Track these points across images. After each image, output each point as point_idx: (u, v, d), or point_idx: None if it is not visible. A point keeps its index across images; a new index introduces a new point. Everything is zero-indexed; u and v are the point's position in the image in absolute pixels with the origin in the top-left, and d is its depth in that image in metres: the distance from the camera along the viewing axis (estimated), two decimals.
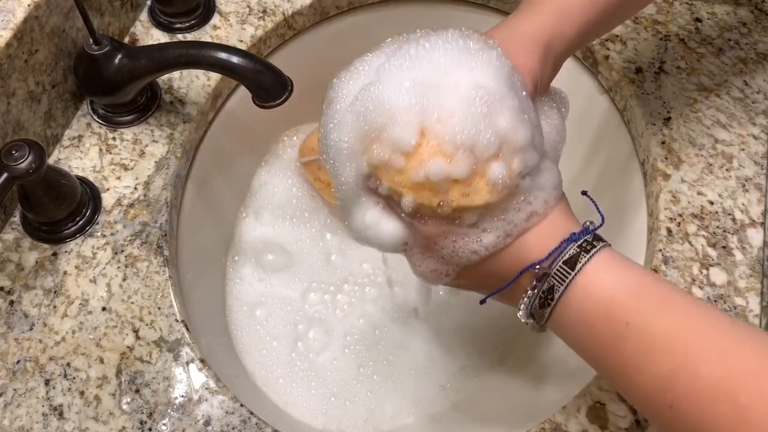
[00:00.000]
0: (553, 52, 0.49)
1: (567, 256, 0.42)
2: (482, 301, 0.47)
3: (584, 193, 0.51)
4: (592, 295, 0.41)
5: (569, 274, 0.41)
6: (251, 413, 0.51)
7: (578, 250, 0.41)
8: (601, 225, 0.44)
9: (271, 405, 0.65)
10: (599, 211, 0.47)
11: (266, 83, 0.56)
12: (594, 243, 0.42)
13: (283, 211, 0.76)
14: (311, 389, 0.66)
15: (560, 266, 0.41)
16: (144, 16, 0.70)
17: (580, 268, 0.41)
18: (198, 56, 0.57)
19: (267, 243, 0.74)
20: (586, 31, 0.51)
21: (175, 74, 0.66)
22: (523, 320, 0.44)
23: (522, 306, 0.43)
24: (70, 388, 0.51)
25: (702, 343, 0.38)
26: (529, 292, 0.43)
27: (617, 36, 0.70)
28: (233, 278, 0.72)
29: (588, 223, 0.44)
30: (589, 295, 0.41)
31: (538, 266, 0.42)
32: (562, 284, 0.41)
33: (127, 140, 0.62)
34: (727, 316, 0.40)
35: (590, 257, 0.41)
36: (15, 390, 0.51)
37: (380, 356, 0.68)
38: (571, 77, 0.73)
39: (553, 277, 0.42)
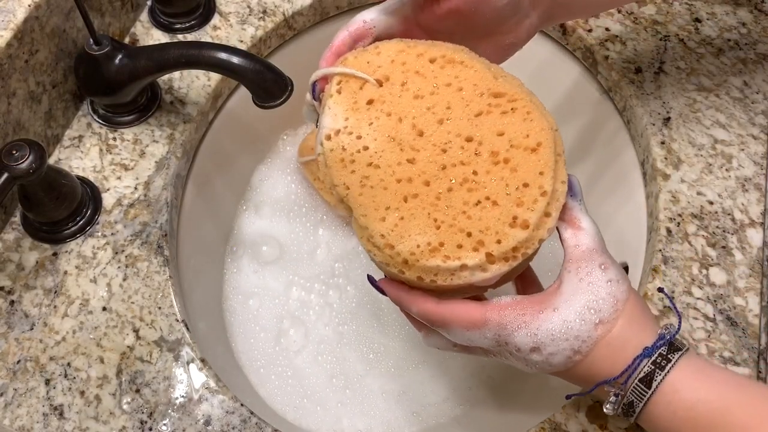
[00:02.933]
0: None
1: (642, 374, 0.41)
2: (568, 397, 0.48)
3: (660, 290, 0.52)
4: (677, 414, 0.40)
5: (646, 392, 0.41)
6: (251, 413, 0.51)
7: (653, 367, 0.41)
8: (677, 330, 0.42)
9: (249, 385, 0.65)
10: (676, 311, 0.46)
11: (266, 83, 0.56)
12: (669, 357, 0.41)
13: (281, 207, 0.76)
14: (287, 385, 0.66)
15: (636, 384, 0.41)
16: (144, 16, 0.70)
17: (656, 388, 0.40)
18: (198, 56, 0.57)
19: (263, 235, 0.75)
20: None
21: (176, 74, 0.66)
22: (611, 414, 0.44)
23: (607, 408, 0.43)
24: (70, 388, 0.51)
25: None
26: (612, 398, 0.42)
27: (617, 36, 0.70)
28: (231, 268, 0.72)
29: (663, 331, 0.42)
30: (673, 414, 0.41)
31: (611, 382, 0.42)
32: (640, 401, 0.41)
33: (128, 140, 0.62)
34: None
35: (665, 375, 0.40)
36: (15, 390, 0.51)
37: (352, 371, 0.68)
38: (570, 77, 0.73)
39: (631, 393, 0.41)
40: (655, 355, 0.41)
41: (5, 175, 0.49)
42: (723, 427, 0.39)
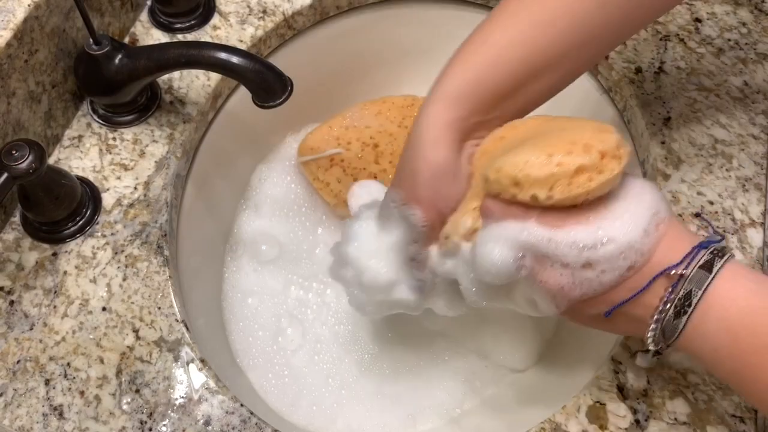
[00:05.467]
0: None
1: (702, 261, 0.41)
2: (607, 314, 0.44)
3: (698, 215, 0.53)
4: (736, 301, 0.40)
5: (706, 277, 0.40)
6: (251, 413, 0.51)
7: (712, 255, 0.41)
8: (722, 239, 0.44)
9: (248, 385, 0.65)
10: (715, 230, 0.48)
11: (266, 83, 0.56)
12: (724, 250, 0.42)
13: (280, 206, 0.76)
14: (284, 384, 0.66)
15: (697, 269, 0.41)
16: (144, 16, 0.70)
17: (718, 271, 0.40)
18: (198, 56, 0.57)
19: (263, 234, 0.75)
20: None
21: (175, 74, 0.66)
22: (650, 341, 0.42)
23: (653, 321, 0.42)
24: (70, 388, 0.51)
25: None
26: (665, 298, 0.41)
27: None
28: (230, 267, 0.72)
29: (713, 234, 0.43)
30: (732, 301, 0.40)
31: (673, 270, 0.41)
32: (700, 288, 0.40)
33: (127, 140, 0.62)
34: None
35: (725, 262, 0.41)
36: (15, 390, 0.51)
37: (348, 372, 0.68)
38: None
39: (690, 281, 0.40)
40: (711, 248, 0.41)
41: (5, 175, 0.49)
42: None
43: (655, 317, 0.42)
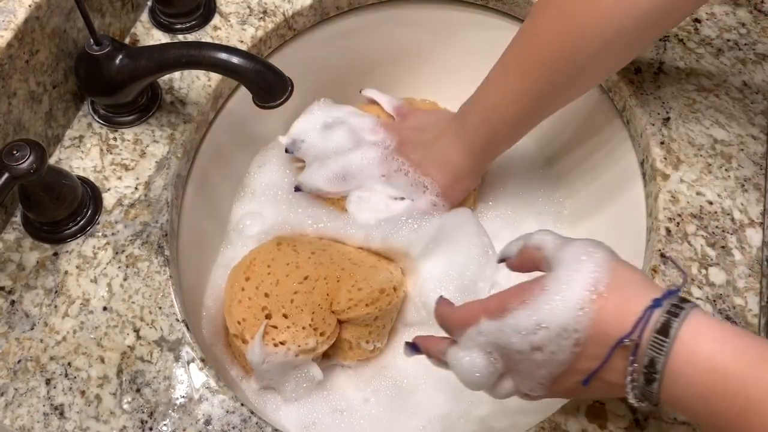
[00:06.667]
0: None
1: (658, 325, 0.39)
2: (585, 382, 0.43)
3: (664, 256, 0.54)
4: (699, 365, 0.39)
5: (663, 343, 0.39)
6: (252, 412, 0.51)
7: (667, 316, 0.39)
8: (683, 284, 0.42)
9: (248, 385, 0.65)
10: (681, 269, 0.46)
11: (267, 84, 0.56)
12: (681, 305, 0.40)
13: (279, 201, 0.75)
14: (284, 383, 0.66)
15: (654, 336, 0.39)
16: (145, 16, 0.70)
17: (675, 335, 0.39)
18: (199, 57, 0.57)
19: (263, 232, 0.74)
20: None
21: (176, 75, 0.66)
22: (635, 404, 0.41)
23: (629, 387, 0.41)
24: (71, 388, 0.51)
25: None
26: (629, 368, 0.40)
27: None
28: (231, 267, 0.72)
29: (672, 286, 0.42)
30: (695, 366, 0.39)
31: (627, 340, 0.40)
32: (661, 354, 0.39)
33: (128, 140, 0.63)
34: None
35: (681, 322, 0.39)
36: (16, 389, 0.51)
37: (346, 372, 0.68)
38: None
39: (650, 348, 0.39)
40: (668, 306, 0.40)
41: (6, 175, 0.49)
42: (755, 384, 0.37)
43: (628, 385, 0.41)
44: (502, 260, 0.52)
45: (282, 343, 0.60)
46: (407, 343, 0.52)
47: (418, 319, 0.68)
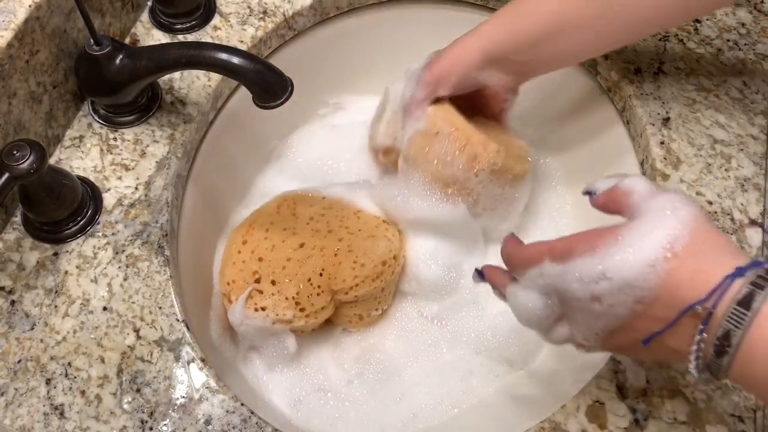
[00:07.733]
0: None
1: (740, 296, 0.36)
2: (645, 342, 0.41)
3: (753, 222, 0.52)
4: None
5: (744, 316, 0.36)
6: (252, 412, 0.51)
7: (751, 287, 0.36)
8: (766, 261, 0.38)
9: (248, 385, 0.65)
10: None
11: (267, 84, 0.56)
12: None
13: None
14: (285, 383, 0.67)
15: (734, 307, 0.36)
16: (145, 16, 0.70)
17: (758, 308, 0.36)
18: (199, 57, 0.57)
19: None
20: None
21: (176, 75, 0.66)
22: (695, 375, 0.39)
23: (693, 356, 0.38)
24: (71, 388, 0.51)
25: None
26: (697, 337, 0.37)
27: None
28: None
29: (762, 257, 0.40)
30: None
31: (699, 307, 0.37)
32: (739, 327, 0.36)
33: (128, 140, 0.63)
34: None
35: (767, 296, 0.36)
36: (16, 389, 0.51)
37: (346, 372, 0.68)
38: (570, 77, 0.74)
39: (727, 320, 0.36)
40: (753, 276, 0.36)
41: (6, 175, 0.49)
42: None
43: (692, 354, 0.38)
44: (587, 193, 0.48)
45: (263, 309, 0.62)
46: (476, 270, 0.52)
47: (409, 289, 0.69)
